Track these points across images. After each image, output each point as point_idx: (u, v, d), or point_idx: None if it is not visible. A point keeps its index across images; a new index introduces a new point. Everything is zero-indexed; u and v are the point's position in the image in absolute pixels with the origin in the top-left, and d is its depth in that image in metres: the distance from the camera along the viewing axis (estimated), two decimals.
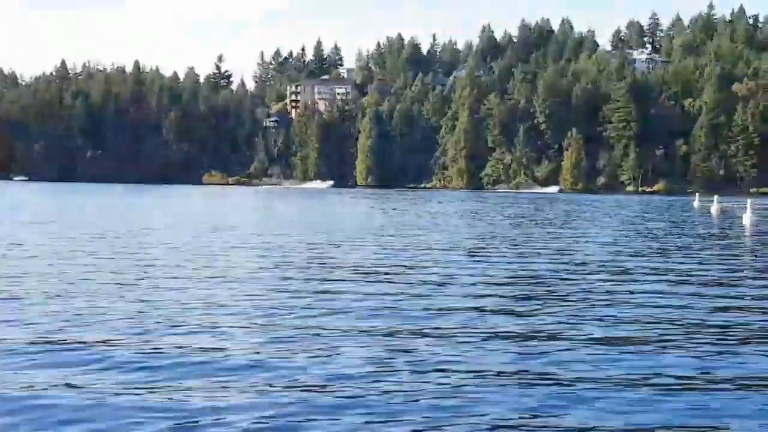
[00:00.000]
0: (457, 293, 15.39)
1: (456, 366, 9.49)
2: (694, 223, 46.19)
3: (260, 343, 10.76)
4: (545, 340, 11.18)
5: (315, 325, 12.03)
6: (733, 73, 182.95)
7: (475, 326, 12.04)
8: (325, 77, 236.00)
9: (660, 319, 12.82)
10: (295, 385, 8.74)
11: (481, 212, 59.18)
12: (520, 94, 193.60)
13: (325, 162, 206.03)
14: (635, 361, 9.94)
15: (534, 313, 13.31)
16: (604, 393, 8.48)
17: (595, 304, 14.15)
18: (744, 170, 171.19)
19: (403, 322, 12.32)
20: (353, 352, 10.27)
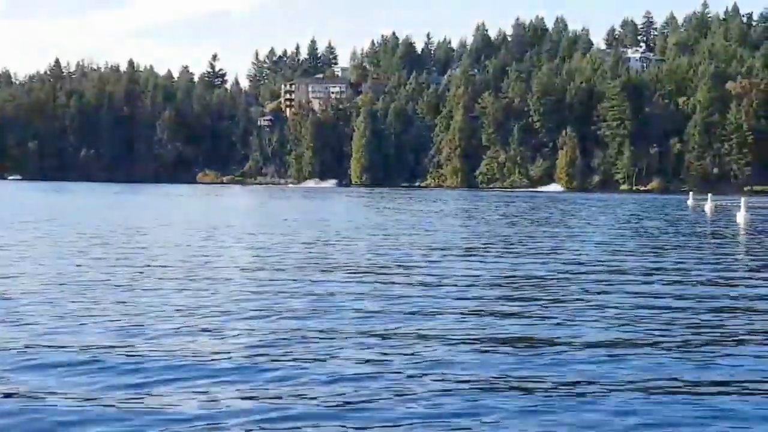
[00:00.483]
0: (451, 293, 15.34)
1: (452, 368, 9.44)
2: (689, 222, 46.26)
3: (252, 346, 10.62)
4: (541, 341, 11.17)
5: (309, 327, 11.91)
6: (726, 72, 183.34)
7: (470, 327, 12.00)
8: (320, 76, 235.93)
9: (654, 319, 12.84)
10: (288, 387, 8.65)
11: (477, 211, 59.21)
12: (514, 93, 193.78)
13: (319, 161, 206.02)
14: (632, 362, 9.94)
15: (530, 314, 13.30)
16: (601, 394, 8.47)
17: (590, 304, 14.16)
18: (738, 168, 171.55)
19: (398, 322, 12.24)
20: (347, 353, 10.19)
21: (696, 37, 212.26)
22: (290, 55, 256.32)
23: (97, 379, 8.92)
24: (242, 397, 8.32)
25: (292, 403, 8.06)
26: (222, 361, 9.79)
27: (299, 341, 10.93)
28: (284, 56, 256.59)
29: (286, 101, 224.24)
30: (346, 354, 10.15)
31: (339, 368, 9.40)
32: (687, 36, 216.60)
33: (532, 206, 71.60)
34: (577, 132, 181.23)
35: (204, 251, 23.65)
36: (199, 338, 11.14)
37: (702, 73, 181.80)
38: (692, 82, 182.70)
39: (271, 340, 10.98)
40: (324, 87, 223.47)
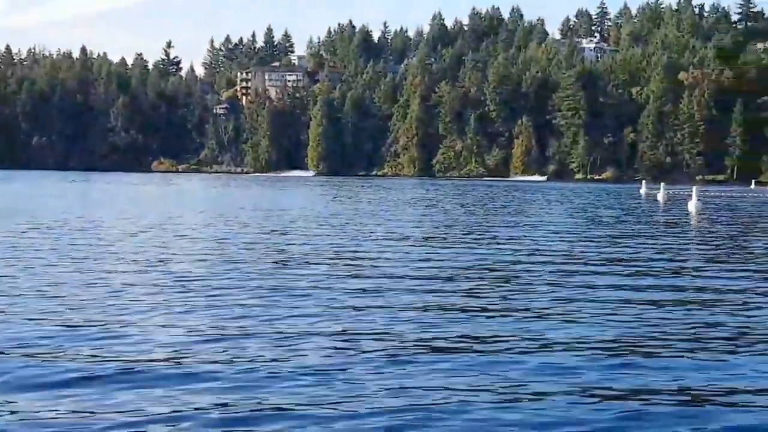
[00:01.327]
0: (409, 284, 15.29)
1: (413, 362, 9.27)
2: (642, 211, 46.94)
3: (194, 342, 10.10)
4: (499, 335, 11.31)
5: (268, 320, 11.49)
6: (679, 62, 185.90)
7: (426, 319, 11.91)
8: (276, 64, 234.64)
9: (610, 308, 13.07)
10: (239, 385, 8.29)
11: (436, 199, 59.40)
12: (470, 82, 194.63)
13: (276, 150, 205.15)
14: (588, 351, 10.14)
15: (487, 305, 13.41)
16: (552, 393, 8.53)
17: (549, 295, 14.27)
18: (690, 158, 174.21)
19: (357, 315, 12.04)
20: (303, 349, 9.90)
21: (649, 28, 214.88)
22: (246, 43, 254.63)
23: (40, 395, 8.04)
24: (194, 396, 7.94)
25: (245, 404, 7.69)
26: (169, 363, 9.17)
27: (248, 338, 10.39)
28: (240, 44, 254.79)
29: (242, 89, 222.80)
30: (303, 349, 9.86)
31: (297, 363, 9.18)
32: (640, 27, 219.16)
33: (490, 195, 72.08)
34: (532, 121, 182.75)
35: (157, 242, 23.44)
36: (150, 336, 10.53)
37: (655, 63, 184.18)
38: (645, 72, 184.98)
39: (215, 338, 10.42)
40: (280, 75, 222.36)
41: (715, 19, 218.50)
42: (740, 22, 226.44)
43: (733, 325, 11.69)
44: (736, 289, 15.10)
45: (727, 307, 13.15)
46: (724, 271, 17.79)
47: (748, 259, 20.63)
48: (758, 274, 17.48)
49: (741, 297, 14.16)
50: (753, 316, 12.45)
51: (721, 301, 13.67)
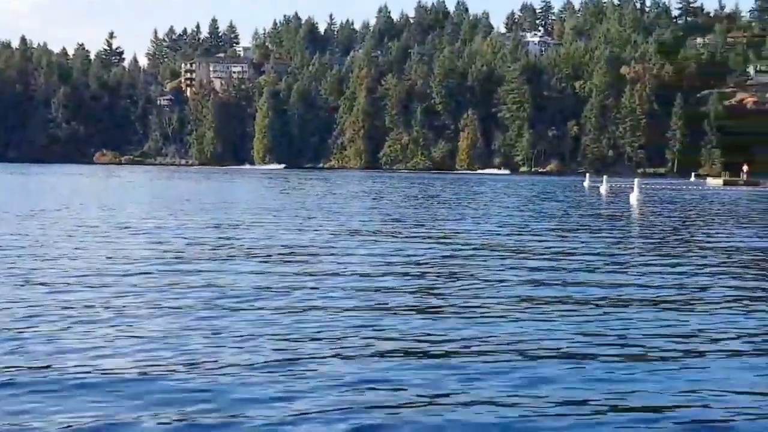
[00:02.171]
0: (352, 278, 15.22)
1: (360, 362, 9.17)
2: (585, 203, 47.62)
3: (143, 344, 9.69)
4: (444, 330, 11.46)
5: (206, 323, 10.93)
6: (621, 57, 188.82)
7: (370, 317, 11.76)
8: (221, 55, 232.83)
9: (554, 300, 13.34)
10: (183, 388, 8.03)
11: (383, 192, 59.51)
12: (417, 75, 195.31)
13: (221, 142, 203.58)
14: (534, 344, 10.36)
15: (433, 300, 13.55)
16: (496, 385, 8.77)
17: (496, 288, 14.42)
18: (632, 151, 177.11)
19: (298, 312, 11.73)
20: (249, 345, 9.70)
21: (592, 23, 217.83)
22: (190, 33, 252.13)
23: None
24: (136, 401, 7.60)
25: (187, 406, 7.45)
26: (112, 369, 8.62)
27: (191, 340, 9.90)
28: (184, 35, 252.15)
29: (187, 80, 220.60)
30: (246, 349, 9.60)
31: (244, 362, 9.02)
32: (583, 21, 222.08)
33: (438, 187, 72.45)
34: (478, 115, 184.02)
35: (97, 236, 23.14)
36: (88, 339, 9.94)
37: (597, 57, 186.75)
38: (588, 66, 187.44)
39: (152, 337, 10.02)
40: (225, 67, 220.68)
41: (655, 15, 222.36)
42: (680, 18, 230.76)
43: (677, 319, 12.00)
44: (677, 283, 15.48)
45: (671, 300, 13.50)
46: (665, 264, 18.20)
47: (689, 251, 21.13)
48: (699, 265, 17.93)
49: (682, 289, 14.53)
50: (694, 308, 12.81)
51: (662, 294, 14.00)
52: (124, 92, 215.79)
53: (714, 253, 20.47)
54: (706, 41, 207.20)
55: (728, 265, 17.88)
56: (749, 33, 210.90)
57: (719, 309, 12.56)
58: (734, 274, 16.50)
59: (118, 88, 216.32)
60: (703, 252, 20.87)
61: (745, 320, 11.79)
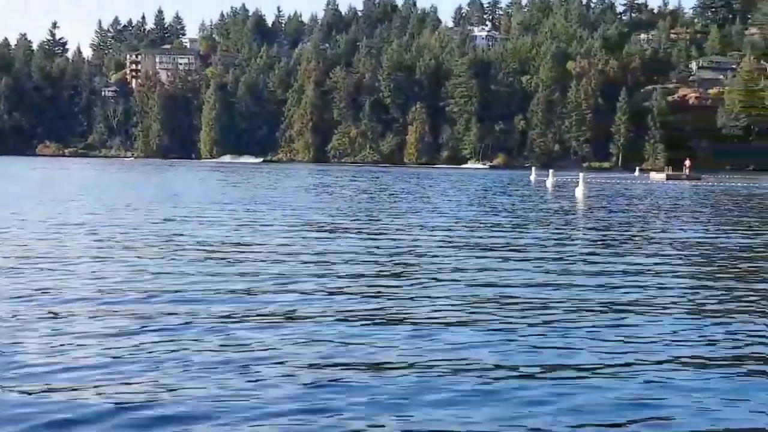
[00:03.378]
0: (308, 273, 15.20)
1: (297, 357, 9.07)
2: (532, 197, 48.13)
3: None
4: (394, 320, 11.59)
5: (151, 317, 10.78)
6: (567, 52, 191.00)
7: (310, 311, 11.74)
8: (167, 47, 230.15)
9: (486, 296, 13.53)
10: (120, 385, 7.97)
11: (333, 185, 59.41)
12: (365, 68, 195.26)
13: (168, 134, 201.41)
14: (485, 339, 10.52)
15: (386, 293, 13.66)
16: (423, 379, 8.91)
17: (444, 283, 14.56)
18: (577, 145, 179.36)
19: (244, 308, 11.56)
20: (189, 344, 9.48)
21: (538, 18, 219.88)
22: (136, 24, 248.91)
23: None
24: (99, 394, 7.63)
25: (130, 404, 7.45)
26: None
27: (124, 337, 9.71)
28: (129, 26, 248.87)
29: (132, 72, 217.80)
30: (187, 348, 9.40)
31: (182, 360, 8.92)
32: (530, 16, 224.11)
33: (386, 180, 72.55)
34: (426, 108, 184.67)
35: (43, 232, 22.83)
36: (27, 338, 9.74)
37: (544, 52, 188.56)
38: (535, 61, 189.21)
39: (90, 335, 9.82)
40: (171, 58, 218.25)
41: (601, 10, 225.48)
42: (625, 14, 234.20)
43: (622, 315, 12.25)
44: (622, 278, 15.77)
45: (615, 292, 13.76)
46: (609, 256, 18.52)
47: (633, 245, 21.51)
48: (644, 260, 18.28)
49: (627, 285, 14.81)
50: (636, 301, 13.09)
51: (608, 289, 14.27)
52: (67, 83, 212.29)
53: (658, 247, 20.86)
54: (650, 37, 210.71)
55: (672, 258, 18.25)
56: (691, 30, 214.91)
57: (662, 304, 12.85)
58: (678, 268, 16.82)
59: (62, 79, 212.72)
60: (647, 246, 21.26)
61: (686, 314, 12.09)
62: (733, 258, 19.11)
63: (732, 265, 17.88)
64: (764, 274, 16.49)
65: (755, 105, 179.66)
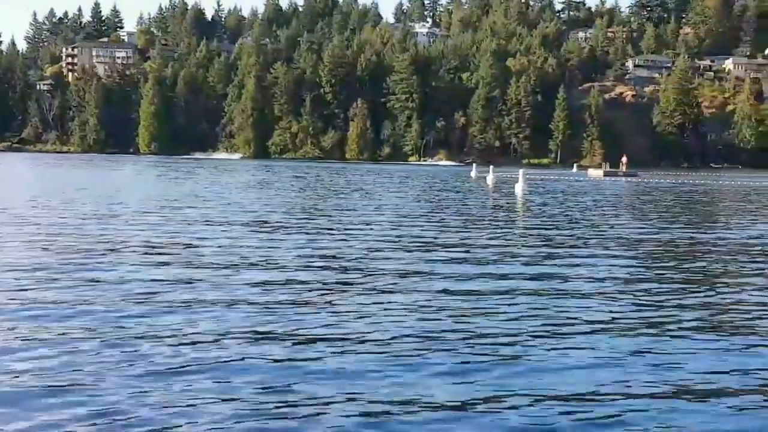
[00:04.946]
0: (240, 275, 14.86)
1: (244, 367, 8.81)
2: (472, 193, 48.50)
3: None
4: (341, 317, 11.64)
5: (79, 323, 10.43)
6: (507, 49, 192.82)
7: (255, 318, 11.41)
8: (104, 40, 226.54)
9: (429, 294, 13.66)
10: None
11: (276, 181, 59.10)
12: (306, 64, 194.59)
13: (105, 128, 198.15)
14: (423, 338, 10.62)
15: (321, 297, 13.54)
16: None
17: (382, 285, 14.48)
18: (517, 142, 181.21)
19: (182, 313, 11.17)
20: (125, 346, 9.35)
21: (478, 15, 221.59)
22: (72, 17, 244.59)
23: None
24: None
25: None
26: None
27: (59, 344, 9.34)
28: (65, 18, 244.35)
29: (68, 65, 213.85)
30: (128, 352, 9.24)
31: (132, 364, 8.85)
32: (470, 13, 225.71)
33: (328, 176, 72.39)
34: (367, 104, 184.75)
35: None
36: None
37: (484, 49, 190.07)
38: (475, 58, 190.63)
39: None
40: (109, 52, 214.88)
41: (540, 8, 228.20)
42: (563, 12, 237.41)
43: (553, 311, 12.46)
44: (562, 272, 16.03)
45: (554, 290, 13.99)
46: (549, 253, 18.80)
47: (571, 239, 21.83)
48: (584, 254, 18.60)
49: (567, 280, 15.06)
50: (579, 297, 13.34)
51: (547, 285, 14.50)
52: (1, 76, 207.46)
53: (597, 242, 21.20)
54: (588, 36, 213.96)
55: (611, 250, 18.58)
56: (628, 28, 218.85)
57: (599, 297, 13.12)
58: (621, 263, 17.14)
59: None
60: (586, 241, 21.58)
61: (622, 307, 12.37)
62: (674, 252, 19.53)
63: (672, 258, 18.28)
64: (702, 269, 16.89)
65: (689, 103, 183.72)
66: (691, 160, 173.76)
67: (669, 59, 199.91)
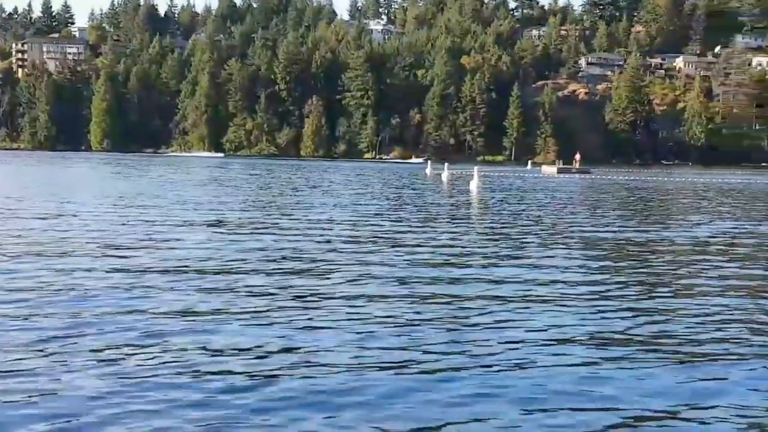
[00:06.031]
0: (191, 275, 14.61)
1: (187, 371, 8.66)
2: (427, 190, 48.64)
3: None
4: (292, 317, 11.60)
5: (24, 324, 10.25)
6: (461, 47, 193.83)
7: (205, 322, 11.23)
8: (55, 35, 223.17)
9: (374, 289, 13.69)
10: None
11: (231, 179, 58.68)
12: (260, 60, 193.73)
13: (56, 125, 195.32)
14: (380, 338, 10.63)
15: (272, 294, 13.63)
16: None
17: (333, 286, 14.49)
18: (472, 139, 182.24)
19: (126, 315, 10.90)
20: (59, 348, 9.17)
21: (433, 12, 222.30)
22: (22, 12, 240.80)
23: None
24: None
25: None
26: None
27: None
28: (15, 14, 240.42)
29: (18, 61, 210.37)
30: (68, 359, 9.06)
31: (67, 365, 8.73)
32: (425, 10, 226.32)
33: (284, 173, 72.08)
34: (322, 101, 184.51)
35: None
36: None
37: (439, 47, 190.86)
38: (430, 55, 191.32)
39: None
40: (60, 47, 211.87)
41: (494, 6, 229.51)
42: (517, 10, 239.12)
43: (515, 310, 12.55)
44: (517, 270, 16.16)
45: (510, 290, 14.08)
46: (503, 251, 18.93)
47: (525, 237, 22.00)
48: (535, 251, 18.76)
49: (522, 278, 15.18)
50: (531, 293, 13.45)
51: (503, 283, 14.60)
52: None
53: (553, 240, 21.40)
54: (541, 34, 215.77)
55: (566, 247, 18.77)
56: (581, 26, 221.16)
57: (553, 297, 13.26)
58: (576, 260, 17.31)
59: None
60: (541, 238, 21.76)
61: (577, 304, 12.51)
62: (629, 249, 19.78)
63: (627, 255, 18.51)
64: (655, 264, 17.10)
65: (641, 101, 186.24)
66: (643, 157, 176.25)
67: (621, 57, 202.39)
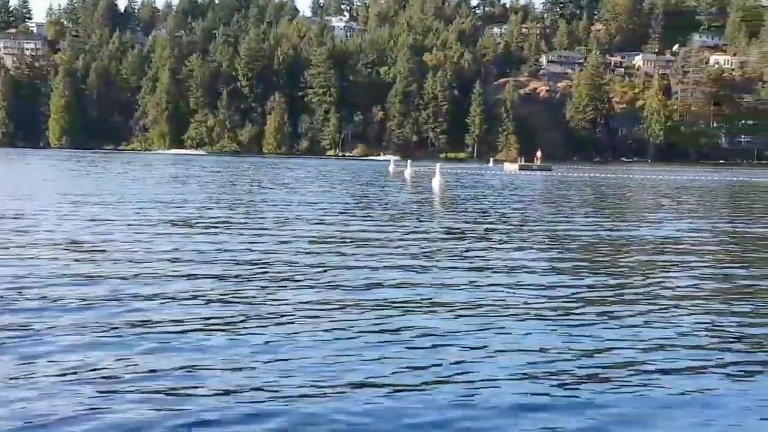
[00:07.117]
0: (153, 277, 14.33)
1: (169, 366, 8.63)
2: (389, 187, 48.72)
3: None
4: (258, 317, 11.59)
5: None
6: (424, 44, 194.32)
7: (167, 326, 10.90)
8: (12, 31, 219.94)
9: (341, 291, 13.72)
10: None
11: (194, 176, 58.26)
12: (222, 57, 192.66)
13: (14, 121, 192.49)
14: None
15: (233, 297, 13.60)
16: None
17: (303, 287, 14.32)
18: (434, 136, 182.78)
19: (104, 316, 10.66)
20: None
21: (395, 9, 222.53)
22: None
23: None
24: None
25: None
26: None
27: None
28: None
29: None
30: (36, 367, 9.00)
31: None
32: (387, 7, 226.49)
33: (246, 170, 71.77)
34: (285, 98, 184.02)
35: None
36: None
37: (401, 44, 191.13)
38: (393, 52, 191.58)
39: None
40: (17, 43, 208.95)
41: (456, 4, 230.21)
42: (479, 7, 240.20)
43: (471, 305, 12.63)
44: (480, 268, 16.25)
45: (472, 291, 14.16)
46: (466, 248, 19.04)
47: (487, 233, 22.15)
48: (498, 246, 18.89)
49: (485, 278, 15.27)
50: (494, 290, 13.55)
51: (464, 282, 14.68)
52: None
53: (516, 236, 21.55)
54: (503, 31, 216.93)
55: (531, 243, 18.92)
56: (541, 24, 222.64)
57: (517, 293, 13.37)
58: (538, 260, 17.46)
59: None
60: (503, 235, 21.92)
61: (539, 300, 12.62)
62: (597, 246, 19.98)
63: (596, 252, 18.70)
64: (617, 261, 17.31)
65: (600, 98, 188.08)
66: (603, 155, 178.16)
67: (581, 55, 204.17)
